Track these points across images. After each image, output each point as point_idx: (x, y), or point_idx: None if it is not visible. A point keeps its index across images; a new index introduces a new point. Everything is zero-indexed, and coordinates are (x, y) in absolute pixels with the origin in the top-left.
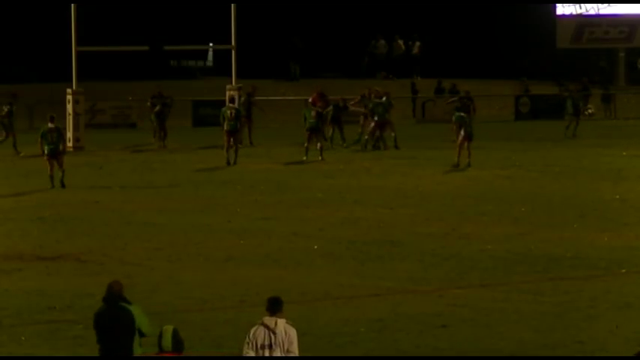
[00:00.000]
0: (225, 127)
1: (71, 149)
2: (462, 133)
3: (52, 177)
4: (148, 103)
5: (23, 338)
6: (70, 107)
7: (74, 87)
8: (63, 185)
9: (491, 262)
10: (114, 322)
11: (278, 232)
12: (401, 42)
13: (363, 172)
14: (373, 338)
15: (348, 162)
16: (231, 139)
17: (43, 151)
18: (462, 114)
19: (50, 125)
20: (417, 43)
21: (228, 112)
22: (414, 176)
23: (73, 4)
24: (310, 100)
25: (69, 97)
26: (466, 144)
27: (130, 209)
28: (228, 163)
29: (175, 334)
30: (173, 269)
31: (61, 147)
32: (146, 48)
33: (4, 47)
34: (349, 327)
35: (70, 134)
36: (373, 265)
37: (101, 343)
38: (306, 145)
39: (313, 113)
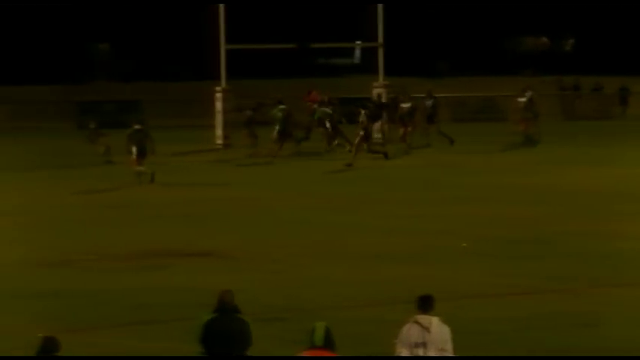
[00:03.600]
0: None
1: (220, 147)
2: (361, 133)
3: (139, 173)
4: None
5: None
6: (218, 105)
7: (223, 85)
8: (140, 183)
9: None
10: (231, 334)
11: (424, 230)
12: (546, 39)
13: (509, 169)
14: (519, 336)
15: (491, 160)
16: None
17: (131, 152)
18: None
19: (137, 127)
20: (571, 41)
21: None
22: (560, 174)
23: (221, 5)
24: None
25: (218, 95)
26: (365, 145)
27: (278, 206)
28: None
29: (327, 332)
30: (321, 266)
31: (148, 147)
32: (294, 46)
33: (159, 47)
34: (496, 325)
35: (219, 132)
36: (520, 264)
37: (212, 356)
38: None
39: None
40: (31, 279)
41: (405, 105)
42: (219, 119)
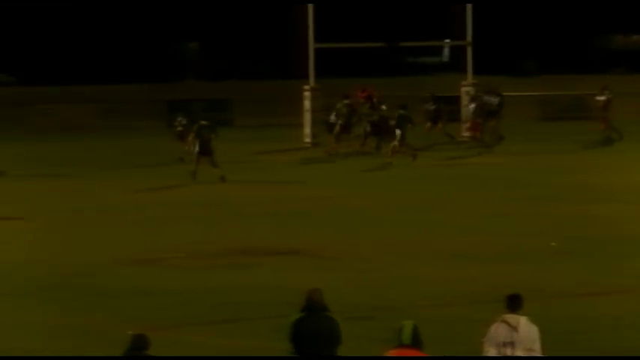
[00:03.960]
0: None
1: (309, 145)
2: (398, 132)
3: (194, 173)
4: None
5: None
6: (307, 104)
7: (311, 83)
8: (223, 180)
9: None
10: (319, 333)
11: (510, 229)
12: (637, 37)
13: (597, 168)
14: (608, 336)
15: (579, 158)
16: None
17: (195, 147)
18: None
19: (202, 122)
20: None
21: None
22: None
23: (310, 4)
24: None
25: (306, 94)
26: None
27: (363, 205)
28: None
29: (415, 330)
30: (406, 265)
31: (213, 144)
32: (382, 44)
33: (248, 46)
34: (584, 324)
35: (307, 130)
36: (606, 263)
37: (302, 355)
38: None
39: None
40: (119, 277)
41: (472, 105)
42: (307, 118)
